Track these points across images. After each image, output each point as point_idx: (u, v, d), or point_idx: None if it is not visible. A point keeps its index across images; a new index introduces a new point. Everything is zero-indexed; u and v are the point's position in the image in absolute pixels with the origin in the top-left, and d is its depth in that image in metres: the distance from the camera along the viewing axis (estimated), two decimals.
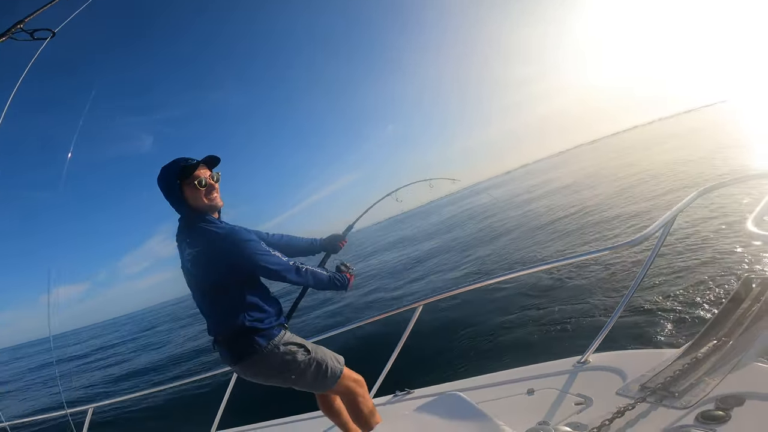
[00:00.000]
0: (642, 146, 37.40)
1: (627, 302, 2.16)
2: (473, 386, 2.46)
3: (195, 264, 1.93)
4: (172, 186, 1.90)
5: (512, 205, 24.70)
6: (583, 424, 1.58)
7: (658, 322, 4.71)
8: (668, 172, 17.49)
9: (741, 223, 6.04)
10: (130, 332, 34.11)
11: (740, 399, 1.37)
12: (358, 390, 2.12)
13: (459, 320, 7.53)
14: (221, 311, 1.95)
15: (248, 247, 1.85)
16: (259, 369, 1.98)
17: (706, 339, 1.91)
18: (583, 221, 13.22)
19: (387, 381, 2.82)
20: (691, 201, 2.11)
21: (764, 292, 2.05)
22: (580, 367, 2.20)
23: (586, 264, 7.65)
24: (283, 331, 2.00)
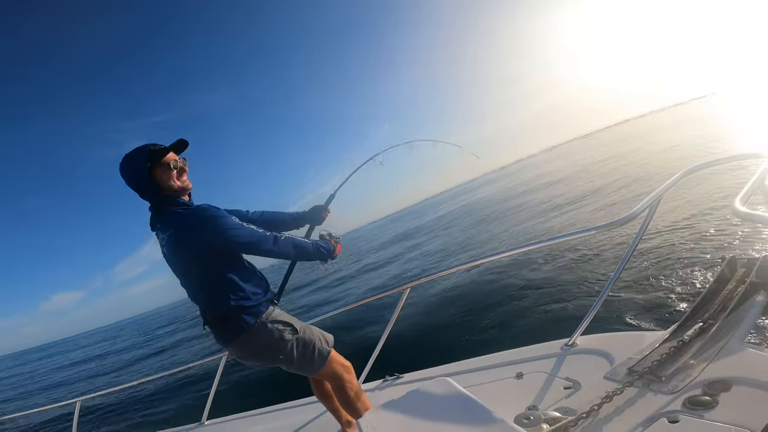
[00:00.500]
0: (634, 138, 37.73)
1: (613, 283, 2.16)
2: (463, 370, 2.48)
3: (169, 247, 1.91)
4: (143, 170, 1.85)
5: (509, 197, 24.92)
6: (572, 408, 1.59)
7: (644, 304, 4.76)
8: (658, 160, 17.70)
9: (727, 203, 6.13)
10: (125, 339, 33.87)
11: (727, 384, 1.38)
12: (345, 376, 2.11)
13: (447, 303, 7.59)
14: (205, 292, 1.93)
15: (218, 223, 1.81)
16: (248, 348, 1.96)
17: (692, 321, 1.92)
18: (573, 207, 13.34)
19: (377, 366, 2.82)
20: (677, 180, 2.10)
21: (749, 273, 2.06)
22: (568, 350, 2.21)
23: (573, 245, 7.72)
24: (272, 307, 1.98)
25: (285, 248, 1.96)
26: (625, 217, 2.08)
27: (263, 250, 1.91)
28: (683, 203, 8.45)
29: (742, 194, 1.46)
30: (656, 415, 1.38)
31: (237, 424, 3.01)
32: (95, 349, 32.00)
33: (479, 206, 27.43)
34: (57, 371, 24.19)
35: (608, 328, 2.32)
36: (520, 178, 40.16)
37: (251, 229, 1.88)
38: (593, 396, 1.58)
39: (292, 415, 2.77)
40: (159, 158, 1.87)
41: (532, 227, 12.64)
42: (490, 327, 5.94)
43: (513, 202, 21.40)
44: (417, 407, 1.60)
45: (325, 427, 2.40)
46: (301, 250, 2.03)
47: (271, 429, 2.66)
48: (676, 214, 7.91)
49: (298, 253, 2.02)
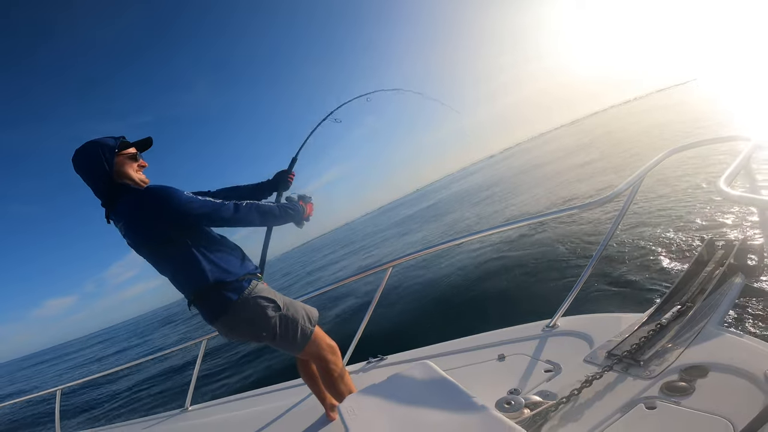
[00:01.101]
0: (619, 124, 38.15)
1: (594, 264, 2.17)
2: (446, 351, 2.49)
3: (130, 236, 1.85)
4: (109, 156, 1.79)
5: (500, 182, 25.16)
6: (552, 392, 1.60)
7: (624, 285, 4.86)
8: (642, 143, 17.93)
9: (707, 186, 6.23)
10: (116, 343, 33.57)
11: (704, 370, 1.39)
12: (329, 356, 2.08)
13: (430, 283, 7.66)
14: (181, 273, 1.87)
15: (169, 199, 1.75)
16: (233, 325, 1.91)
17: (670, 304, 1.94)
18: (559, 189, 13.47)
19: (361, 347, 2.80)
20: (660, 161, 2.10)
21: (728, 255, 2.09)
22: (549, 331, 2.23)
23: (555, 226, 7.80)
24: (255, 282, 1.93)
25: (248, 214, 1.89)
26: (607, 196, 2.07)
27: (224, 218, 1.84)
28: (665, 184, 8.57)
29: (727, 174, 1.46)
30: (634, 401, 1.39)
31: (221, 408, 3.00)
32: (93, 352, 31.81)
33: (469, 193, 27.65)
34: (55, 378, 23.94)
35: (589, 309, 2.33)
36: (511, 164, 40.49)
37: (206, 200, 1.82)
38: (573, 380, 1.59)
39: (277, 399, 2.76)
40: (125, 148, 1.87)
41: (519, 208, 12.77)
42: (472, 308, 6.01)
43: (500, 186, 21.60)
44: (398, 392, 1.60)
45: (310, 411, 2.40)
46: (267, 215, 1.96)
47: (255, 413, 2.65)
48: (658, 195, 8.03)
49: (263, 218, 1.96)
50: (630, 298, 4.56)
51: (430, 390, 1.54)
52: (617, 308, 4.42)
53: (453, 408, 1.37)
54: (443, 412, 1.38)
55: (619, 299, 4.62)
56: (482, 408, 1.31)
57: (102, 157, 1.79)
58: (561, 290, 2.31)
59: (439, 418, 1.36)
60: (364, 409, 1.54)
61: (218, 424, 2.72)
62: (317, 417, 2.31)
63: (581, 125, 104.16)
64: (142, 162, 1.94)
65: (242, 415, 2.71)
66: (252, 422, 2.49)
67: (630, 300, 4.53)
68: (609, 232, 2.11)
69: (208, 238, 1.91)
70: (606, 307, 4.43)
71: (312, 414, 2.36)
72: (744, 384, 1.25)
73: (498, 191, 19.80)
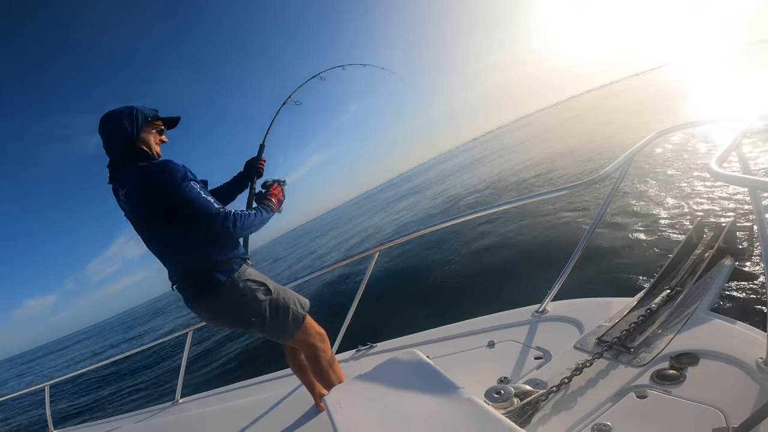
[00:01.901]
0: (595, 108, 38.47)
1: (583, 247, 2.15)
2: (436, 338, 2.48)
3: (129, 201, 1.82)
4: (141, 122, 1.85)
5: (486, 163, 25.22)
6: (543, 380, 1.59)
7: (614, 268, 4.89)
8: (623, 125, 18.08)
9: (698, 167, 6.24)
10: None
11: (694, 358, 1.38)
12: (319, 344, 2.05)
13: (418, 268, 7.66)
14: (172, 248, 1.84)
15: (174, 176, 1.73)
16: (218, 308, 1.85)
17: (659, 288, 1.93)
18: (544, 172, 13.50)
19: (351, 334, 2.79)
20: (649, 142, 2.08)
21: (717, 238, 2.08)
22: (539, 317, 2.23)
23: (543, 208, 7.80)
24: (245, 266, 1.89)
25: (239, 233, 1.83)
26: (595, 177, 2.05)
27: (218, 226, 1.77)
28: (653, 166, 8.61)
29: (719, 156, 1.44)
30: (625, 390, 1.38)
31: (210, 400, 2.99)
32: (80, 349, 31.61)
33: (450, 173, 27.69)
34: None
35: (578, 293, 2.32)
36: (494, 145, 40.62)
37: (210, 200, 1.78)
38: (563, 367, 1.58)
39: (266, 390, 2.75)
40: (155, 120, 1.93)
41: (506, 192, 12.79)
42: (461, 292, 6.03)
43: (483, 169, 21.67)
44: (384, 382, 1.58)
45: (300, 401, 2.39)
46: (256, 226, 1.92)
47: (245, 404, 2.65)
48: (647, 177, 8.07)
49: (255, 227, 1.91)
50: (619, 282, 4.59)
51: (417, 380, 1.52)
52: (607, 292, 4.42)
53: (440, 399, 1.35)
54: (430, 403, 1.36)
55: (608, 283, 4.65)
56: (469, 400, 1.29)
57: (135, 120, 1.83)
58: (550, 275, 2.29)
59: (426, 409, 1.34)
60: (350, 401, 1.51)
61: (209, 417, 2.71)
62: (307, 407, 2.30)
63: (560, 107, 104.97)
64: (164, 138, 1.99)
65: (232, 406, 2.70)
66: (242, 414, 2.48)
67: (619, 284, 4.56)
68: (598, 215, 2.10)
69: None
70: (595, 292, 4.44)
71: (302, 404, 2.35)
72: (735, 372, 1.24)
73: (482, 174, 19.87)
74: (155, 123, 1.93)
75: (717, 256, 1.97)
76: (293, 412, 2.31)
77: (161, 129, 1.96)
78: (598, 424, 1.27)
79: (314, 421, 2.18)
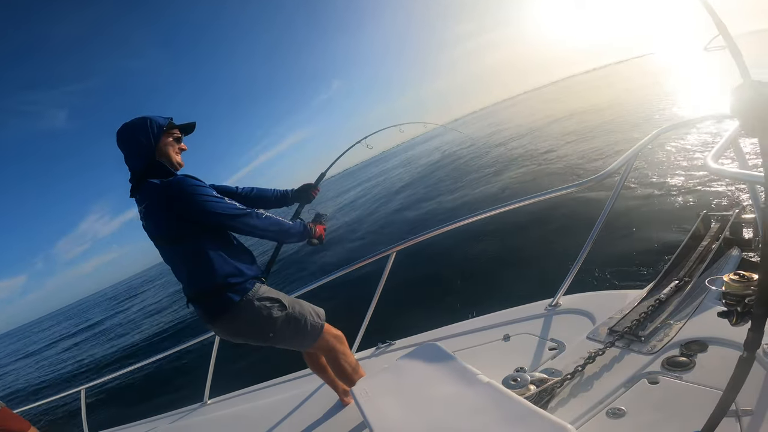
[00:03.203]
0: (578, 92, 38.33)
1: (592, 242, 2.20)
2: (452, 334, 2.55)
3: (147, 217, 1.87)
4: (157, 132, 1.86)
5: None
6: (558, 370, 1.66)
7: (622, 261, 4.92)
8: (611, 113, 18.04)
9: (700, 162, 6.23)
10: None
11: (704, 345, 1.45)
12: (338, 347, 2.12)
13: (431, 265, 7.68)
14: (188, 267, 1.87)
15: (195, 192, 1.77)
16: (235, 327, 1.91)
17: (668, 279, 2.00)
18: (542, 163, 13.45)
19: (369, 333, 2.84)
20: (653, 138, 2.12)
21: (723, 229, 2.15)
22: (552, 310, 2.29)
23: (551, 204, 7.80)
24: (258, 284, 1.92)
25: (268, 227, 1.92)
26: (601, 174, 2.10)
27: (243, 224, 1.86)
28: (659, 160, 8.59)
29: (715, 151, 1.50)
30: (637, 376, 1.45)
31: (238, 400, 3.04)
32: (60, 331, 31.60)
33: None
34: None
35: (589, 287, 2.39)
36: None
37: (230, 203, 1.84)
38: (577, 357, 1.65)
39: (292, 388, 2.81)
40: (171, 128, 1.93)
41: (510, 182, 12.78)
42: (475, 288, 6.07)
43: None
44: (408, 373, 1.66)
45: (325, 398, 2.46)
46: (284, 232, 2.00)
47: (272, 403, 2.70)
48: (652, 171, 8.06)
49: (277, 231, 1.98)
50: (628, 275, 4.63)
51: (438, 370, 1.59)
52: (617, 285, 4.48)
53: (462, 386, 1.43)
54: (453, 390, 1.43)
55: (617, 276, 4.69)
56: (489, 385, 1.37)
57: (150, 132, 1.85)
58: (561, 269, 2.35)
59: (450, 395, 1.41)
60: (377, 391, 1.59)
61: (238, 417, 2.77)
62: (333, 403, 2.37)
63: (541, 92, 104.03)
64: (183, 146, 1.99)
65: (260, 405, 2.76)
66: (270, 413, 2.54)
67: (628, 276, 4.59)
68: (605, 210, 2.14)
69: (222, 238, 1.92)
70: (605, 285, 4.49)
71: (328, 400, 2.41)
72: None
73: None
74: (171, 132, 1.93)
75: (724, 247, 2.04)
76: (320, 408, 2.38)
77: (178, 137, 1.97)
78: (613, 408, 1.34)
79: (341, 415, 2.25)
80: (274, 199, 2.35)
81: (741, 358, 0.92)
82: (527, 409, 1.18)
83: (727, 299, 1.13)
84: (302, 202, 2.43)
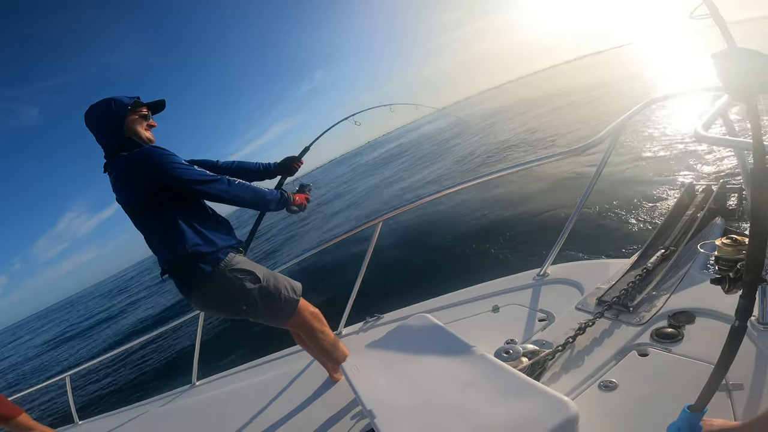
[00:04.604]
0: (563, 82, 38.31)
1: (579, 211, 2.19)
2: (441, 305, 2.53)
3: (117, 187, 1.88)
4: (121, 112, 1.87)
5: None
6: (548, 341, 1.67)
7: (609, 231, 5.02)
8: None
9: (687, 133, 6.29)
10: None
11: (691, 316, 1.47)
12: (315, 324, 2.08)
13: (419, 237, 7.72)
14: (159, 237, 1.87)
15: (162, 160, 1.78)
16: (208, 299, 1.89)
17: (654, 248, 2.02)
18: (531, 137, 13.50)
19: (357, 307, 2.81)
20: (640, 110, 2.10)
21: (708, 199, 2.16)
22: (540, 280, 2.30)
23: (537, 174, 7.85)
24: (232, 254, 1.90)
25: (239, 193, 1.91)
26: (588, 143, 2.07)
27: (215, 192, 1.86)
28: (644, 133, 8.66)
29: (705, 120, 1.50)
30: (627, 348, 1.47)
31: (227, 381, 3.00)
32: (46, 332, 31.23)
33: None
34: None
35: (577, 256, 2.41)
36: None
37: (199, 170, 1.84)
38: (567, 328, 1.67)
39: (281, 366, 2.78)
40: (138, 106, 1.93)
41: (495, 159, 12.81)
42: (464, 260, 6.12)
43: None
44: (399, 346, 1.65)
45: (315, 374, 2.43)
46: (257, 198, 1.98)
47: (262, 382, 2.66)
48: (638, 142, 8.13)
49: (254, 200, 1.97)
50: (615, 244, 4.71)
51: (430, 342, 1.59)
52: (604, 254, 4.55)
53: (455, 359, 1.42)
54: (446, 363, 1.43)
55: (604, 245, 4.77)
56: (483, 357, 1.37)
57: (114, 111, 1.86)
58: (548, 238, 2.35)
59: (443, 369, 1.41)
60: (367, 367, 1.58)
61: (228, 397, 2.73)
62: (323, 379, 2.35)
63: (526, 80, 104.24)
64: (152, 122, 2.01)
65: (250, 385, 2.73)
66: (261, 392, 2.51)
67: (615, 245, 4.67)
68: (592, 180, 2.13)
69: (196, 208, 1.91)
70: (593, 254, 4.55)
71: (318, 377, 2.39)
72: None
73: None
74: (137, 110, 1.93)
75: (708, 217, 2.06)
76: (310, 385, 2.35)
77: (145, 114, 1.97)
78: (605, 381, 1.35)
79: (332, 392, 2.22)
80: (256, 171, 2.33)
81: (732, 327, 0.92)
82: (524, 382, 1.18)
83: (719, 264, 1.12)
84: (285, 174, 2.42)
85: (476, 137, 20.60)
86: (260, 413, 2.30)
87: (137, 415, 3.07)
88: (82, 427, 3.39)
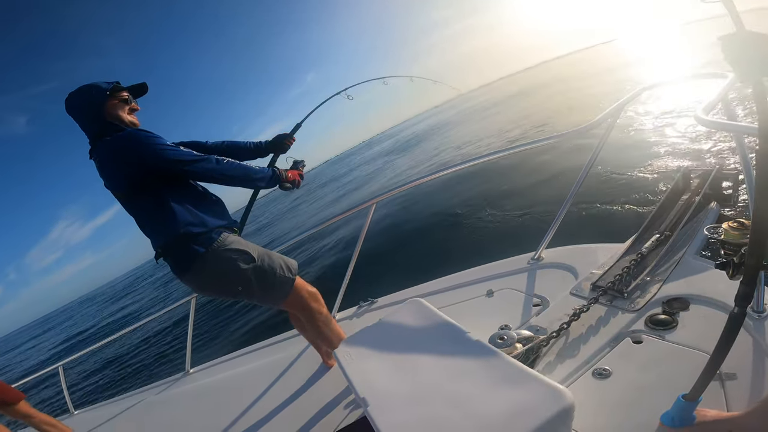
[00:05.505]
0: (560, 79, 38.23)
1: (574, 195, 2.18)
2: (435, 290, 2.52)
3: (103, 171, 1.85)
4: (101, 98, 1.84)
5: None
6: (543, 327, 1.66)
7: (604, 215, 5.01)
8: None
9: (684, 119, 6.28)
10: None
11: (685, 303, 1.47)
12: (312, 305, 2.05)
13: (414, 220, 7.70)
14: (150, 220, 1.86)
15: (146, 141, 1.76)
16: (202, 280, 1.88)
17: (649, 233, 2.01)
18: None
19: (350, 291, 2.78)
20: (637, 95, 2.07)
21: (703, 184, 2.15)
22: (535, 264, 2.29)
23: (534, 157, 7.81)
24: (225, 234, 1.87)
25: (227, 171, 1.88)
26: (585, 126, 2.06)
27: (203, 171, 1.83)
28: (640, 117, 8.64)
29: (706, 105, 1.48)
30: (621, 335, 1.47)
31: (220, 368, 2.98)
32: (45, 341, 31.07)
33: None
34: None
35: (571, 240, 2.39)
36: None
37: (185, 150, 1.82)
38: (561, 313, 1.66)
39: (276, 352, 2.76)
40: (117, 91, 1.90)
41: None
42: (458, 243, 6.12)
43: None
44: (393, 332, 1.63)
45: (309, 360, 2.43)
46: (247, 176, 1.95)
47: (256, 368, 2.65)
48: (635, 128, 8.11)
49: (244, 178, 1.94)
50: (610, 228, 4.70)
51: (424, 328, 1.57)
52: (598, 238, 4.54)
53: (449, 345, 1.41)
54: (440, 349, 1.41)
55: (599, 229, 4.77)
56: (478, 344, 1.36)
57: (92, 97, 1.84)
58: (542, 222, 2.34)
59: (437, 355, 1.39)
60: (360, 353, 1.55)
61: (222, 384, 2.72)
62: (317, 365, 2.34)
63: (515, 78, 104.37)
64: (134, 105, 1.97)
65: (244, 371, 2.71)
66: (255, 378, 2.50)
67: (610, 229, 4.66)
68: (588, 163, 2.11)
69: (187, 189, 1.89)
70: (587, 238, 4.54)
71: (312, 363, 2.38)
72: (724, 318, 1.34)
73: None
74: (117, 94, 1.89)
75: (703, 202, 2.05)
76: (304, 371, 2.34)
77: (125, 98, 1.92)
78: (599, 368, 1.35)
79: (325, 378, 2.21)
80: (247, 150, 2.30)
81: (732, 314, 0.90)
82: (520, 370, 1.17)
83: (725, 248, 1.11)
84: (277, 152, 2.38)
85: (475, 125, 20.59)
86: (254, 401, 2.29)
87: (132, 404, 3.06)
88: (78, 417, 3.37)
